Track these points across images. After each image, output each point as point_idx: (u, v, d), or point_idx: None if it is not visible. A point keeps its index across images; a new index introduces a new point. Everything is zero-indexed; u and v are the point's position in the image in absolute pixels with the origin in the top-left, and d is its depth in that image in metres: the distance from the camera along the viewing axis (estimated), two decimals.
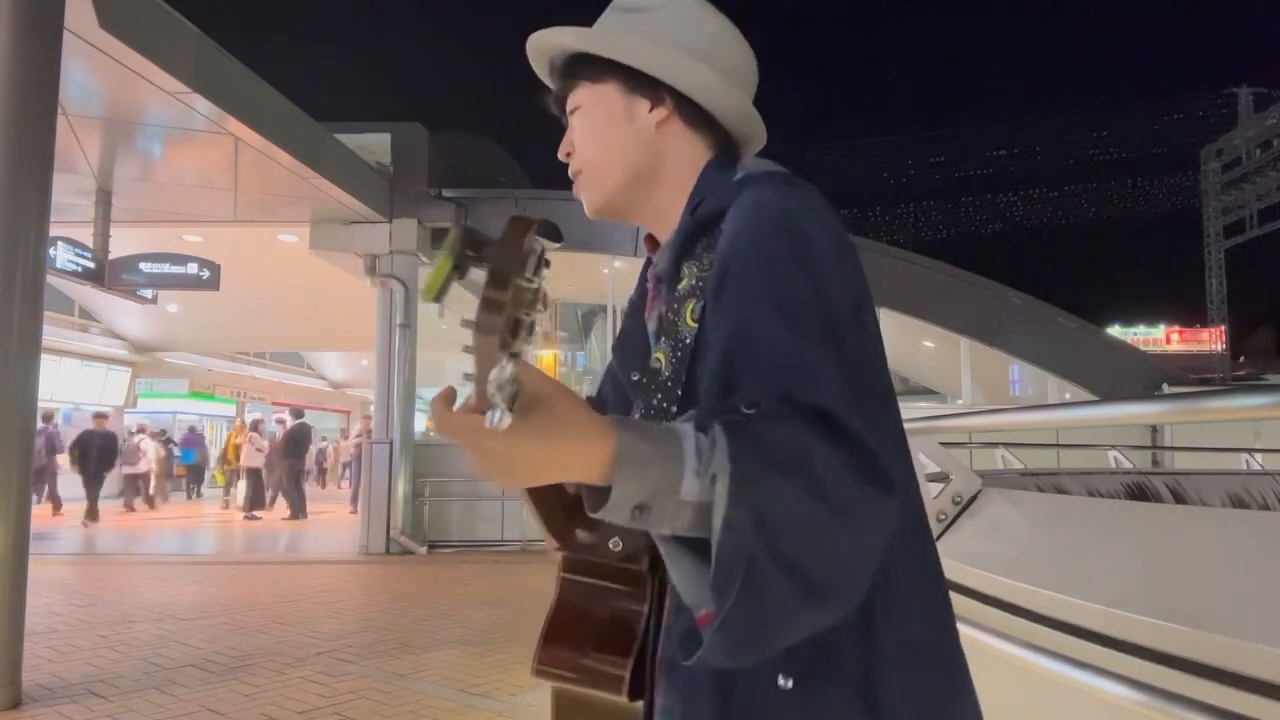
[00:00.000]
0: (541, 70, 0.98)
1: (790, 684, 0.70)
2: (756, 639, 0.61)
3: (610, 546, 0.83)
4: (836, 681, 0.71)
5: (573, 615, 0.84)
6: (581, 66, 0.92)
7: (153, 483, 16.17)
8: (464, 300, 0.65)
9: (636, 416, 0.85)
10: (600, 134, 0.92)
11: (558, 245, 0.58)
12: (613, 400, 1.06)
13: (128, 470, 15.44)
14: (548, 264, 0.57)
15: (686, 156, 0.91)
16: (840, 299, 0.73)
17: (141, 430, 16.44)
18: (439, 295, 0.54)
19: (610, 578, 0.69)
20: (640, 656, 0.82)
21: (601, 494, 0.62)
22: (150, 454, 15.96)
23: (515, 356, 0.54)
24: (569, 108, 0.95)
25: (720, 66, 0.91)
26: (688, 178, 0.90)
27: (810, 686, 0.70)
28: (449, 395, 0.63)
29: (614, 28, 0.92)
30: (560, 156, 0.97)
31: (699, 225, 0.84)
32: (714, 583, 0.60)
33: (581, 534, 0.84)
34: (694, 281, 0.82)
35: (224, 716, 3.94)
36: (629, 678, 0.81)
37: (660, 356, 0.84)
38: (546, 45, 0.95)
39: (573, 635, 0.82)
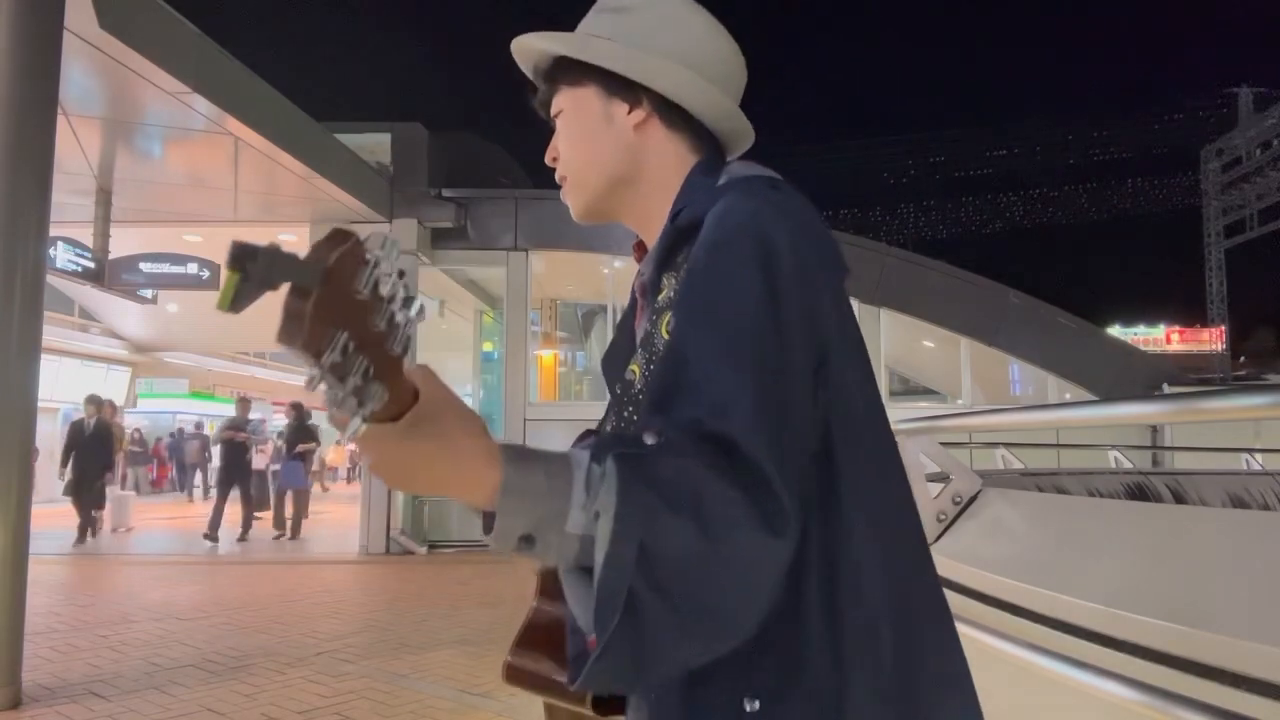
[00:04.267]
0: (529, 71, 0.97)
1: (757, 706, 0.70)
2: (637, 669, 0.63)
3: None
4: (803, 702, 0.71)
5: (545, 625, 0.84)
6: (562, 71, 0.92)
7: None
8: (463, 301, 0.65)
9: (608, 427, 0.84)
10: (581, 139, 0.91)
11: (396, 253, 0.57)
12: None
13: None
14: (401, 273, 0.57)
15: (668, 159, 0.90)
16: (788, 318, 0.71)
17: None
18: (232, 305, 0.52)
19: None
20: None
21: (491, 520, 0.63)
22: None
23: (349, 367, 0.53)
24: (553, 111, 0.94)
25: (700, 67, 0.89)
26: (671, 181, 0.89)
27: (777, 708, 0.70)
28: None
29: (593, 29, 0.91)
30: (547, 161, 0.96)
31: (679, 234, 0.83)
32: (595, 616, 0.61)
33: None
34: (671, 294, 0.82)
35: (224, 716, 3.94)
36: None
37: (635, 368, 0.84)
38: (527, 50, 0.94)
39: (545, 645, 0.83)
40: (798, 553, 0.67)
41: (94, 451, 10.55)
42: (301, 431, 11.64)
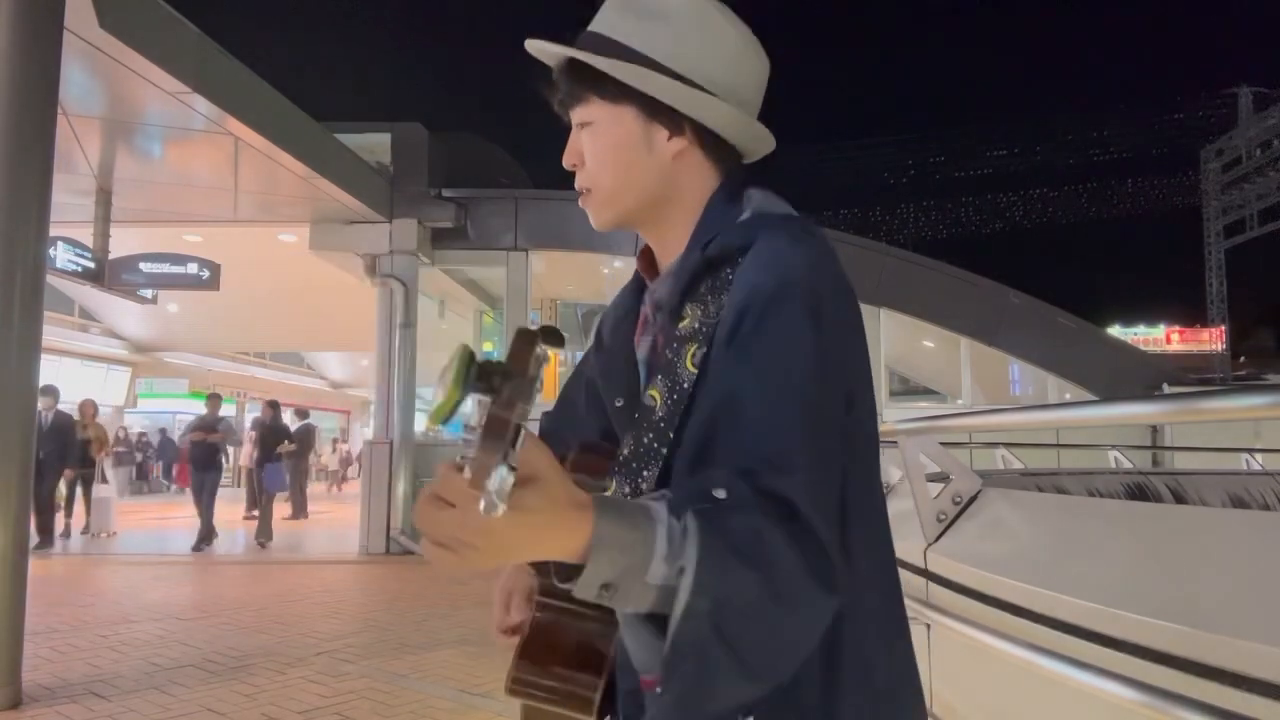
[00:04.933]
0: (551, 66, 0.92)
1: None
2: (696, 710, 0.67)
3: None
4: (797, 716, 0.75)
5: (548, 636, 0.85)
6: (597, 82, 0.87)
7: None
8: (463, 301, 0.65)
9: (625, 452, 0.84)
10: (616, 159, 0.89)
11: (561, 349, 0.60)
12: (583, 404, 1.05)
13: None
14: (547, 360, 0.60)
15: (699, 183, 0.91)
16: (833, 372, 0.77)
17: None
18: (447, 420, 0.56)
19: (585, 604, 0.71)
20: (611, 680, 0.84)
21: (573, 569, 0.65)
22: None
23: (514, 456, 0.55)
24: (577, 119, 0.91)
25: (737, 90, 0.89)
26: (699, 202, 0.90)
27: None
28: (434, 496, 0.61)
29: (627, 37, 0.87)
30: (565, 165, 0.94)
31: (707, 265, 0.84)
32: (667, 661, 0.65)
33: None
34: (696, 325, 0.82)
35: (224, 716, 3.94)
36: (599, 700, 0.83)
37: (655, 395, 0.83)
38: (553, 53, 0.90)
39: (547, 656, 0.84)
40: None
41: (49, 448, 9.25)
42: (277, 432, 11.12)
